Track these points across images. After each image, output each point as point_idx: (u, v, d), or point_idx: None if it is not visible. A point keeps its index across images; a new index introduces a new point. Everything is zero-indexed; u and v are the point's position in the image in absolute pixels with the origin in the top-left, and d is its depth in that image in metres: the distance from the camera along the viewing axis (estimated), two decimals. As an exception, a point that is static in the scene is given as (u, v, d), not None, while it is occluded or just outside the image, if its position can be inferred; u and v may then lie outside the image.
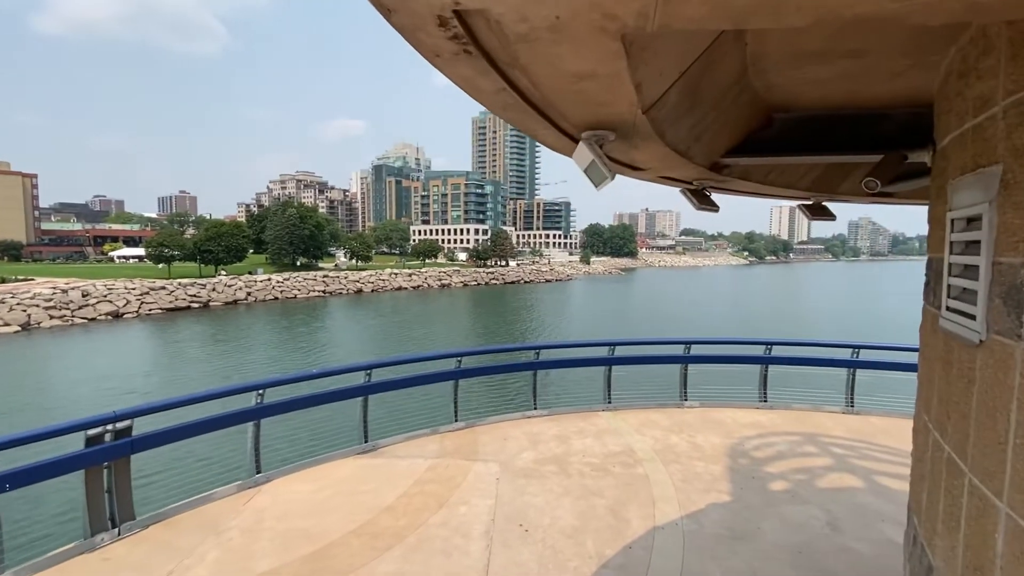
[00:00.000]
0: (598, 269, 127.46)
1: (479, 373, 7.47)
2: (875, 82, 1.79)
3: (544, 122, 1.64)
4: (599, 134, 1.71)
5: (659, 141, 1.71)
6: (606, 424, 7.48)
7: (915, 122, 1.95)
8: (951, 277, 1.39)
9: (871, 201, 3.44)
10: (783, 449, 6.68)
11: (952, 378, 1.32)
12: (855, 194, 3.12)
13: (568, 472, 5.90)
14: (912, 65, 1.57)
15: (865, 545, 4.49)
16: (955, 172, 1.39)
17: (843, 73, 1.71)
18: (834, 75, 1.73)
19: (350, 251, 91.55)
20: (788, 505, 5.19)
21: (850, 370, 8.20)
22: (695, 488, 5.55)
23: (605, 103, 1.51)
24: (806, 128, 2.11)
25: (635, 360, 8.44)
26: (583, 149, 1.70)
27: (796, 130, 2.12)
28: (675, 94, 1.53)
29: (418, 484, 5.58)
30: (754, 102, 1.95)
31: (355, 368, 6.57)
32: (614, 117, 1.59)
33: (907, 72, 1.63)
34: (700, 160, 1.99)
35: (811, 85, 1.86)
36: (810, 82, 1.80)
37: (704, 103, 1.74)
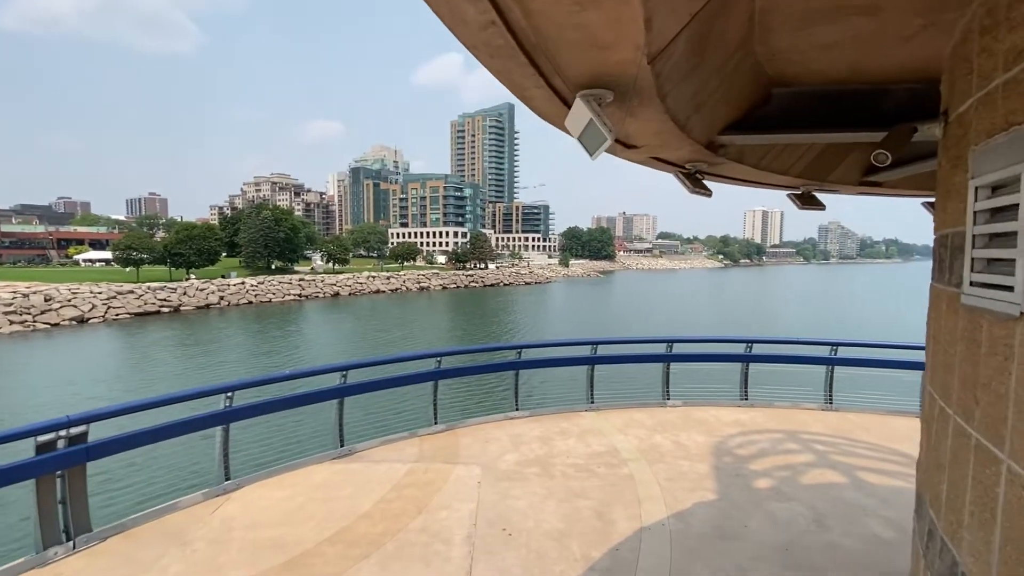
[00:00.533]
0: (577, 272, 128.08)
1: (459, 374, 7.28)
2: (883, 48, 1.70)
3: (536, 76, 1.49)
4: (596, 93, 1.57)
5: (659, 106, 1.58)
6: (589, 424, 7.36)
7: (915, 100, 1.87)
8: (976, 249, 1.30)
9: (857, 191, 3.39)
10: (766, 447, 6.66)
11: (981, 358, 1.23)
12: (844, 182, 3.06)
13: (552, 474, 5.76)
14: (925, 26, 1.49)
15: (852, 541, 4.45)
16: (979, 137, 1.30)
17: (852, 36, 1.62)
18: (842, 38, 1.64)
19: (327, 254, 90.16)
20: (774, 502, 5.14)
21: (828, 367, 8.25)
22: (681, 487, 5.46)
23: (607, 45, 1.37)
24: (805, 104, 2.02)
25: (618, 359, 8.35)
26: (579, 108, 1.55)
27: (795, 107, 2.03)
28: (682, 45, 1.40)
29: (396, 489, 5.37)
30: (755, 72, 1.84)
31: (330, 369, 6.32)
32: (614, 69, 1.45)
33: (918, 36, 1.55)
34: (697, 135, 1.87)
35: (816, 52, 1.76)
36: (816, 48, 1.70)
37: (708, 65, 1.62)
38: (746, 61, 1.77)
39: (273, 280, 72.28)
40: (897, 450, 6.60)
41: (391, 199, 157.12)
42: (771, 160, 2.51)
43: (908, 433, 7.15)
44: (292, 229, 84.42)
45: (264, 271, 79.70)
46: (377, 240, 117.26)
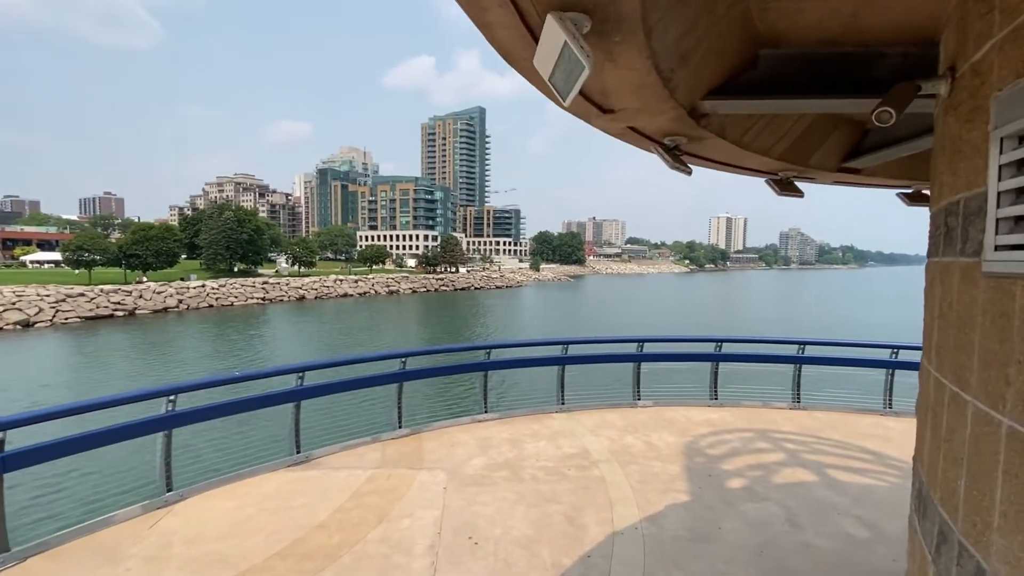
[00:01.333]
0: (548, 276, 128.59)
1: (425, 375, 6.98)
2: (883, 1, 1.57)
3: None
4: (572, 16, 1.36)
5: (643, 46, 1.39)
6: (560, 426, 7.17)
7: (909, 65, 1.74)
8: (1002, 208, 1.14)
9: (835, 179, 3.30)
10: (737, 446, 6.59)
11: (1014, 330, 1.06)
12: (824, 168, 2.95)
13: (521, 478, 5.53)
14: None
15: (825, 541, 4.36)
16: (1004, 80, 1.15)
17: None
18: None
19: (292, 257, 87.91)
20: (747, 503, 5.03)
21: (796, 366, 8.29)
22: (653, 489, 5.31)
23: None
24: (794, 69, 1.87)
25: (589, 359, 8.20)
26: (552, 31, 1.32)
27: (783, 71, 1.87)
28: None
29: (356, 497, 5.04)
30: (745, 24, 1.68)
31: (285, 371, 5.95)
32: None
33: (926, -20, 1.41)
34: (681, 95, 1.69)
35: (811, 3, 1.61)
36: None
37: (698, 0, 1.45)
38: (736, 7, 1.60)
39: (235, 283, 69.99)
40: (864, 447, 6.63)
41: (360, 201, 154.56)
42: (753, 137, 2.36)
43: (873, 431, 7.23)
44: (256, 230, 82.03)
45: (226, 274, 77.12)
46: (345, 243, 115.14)
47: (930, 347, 1.55)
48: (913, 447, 6.49)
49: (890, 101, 1.51)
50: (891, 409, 8.03)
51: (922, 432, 1.59)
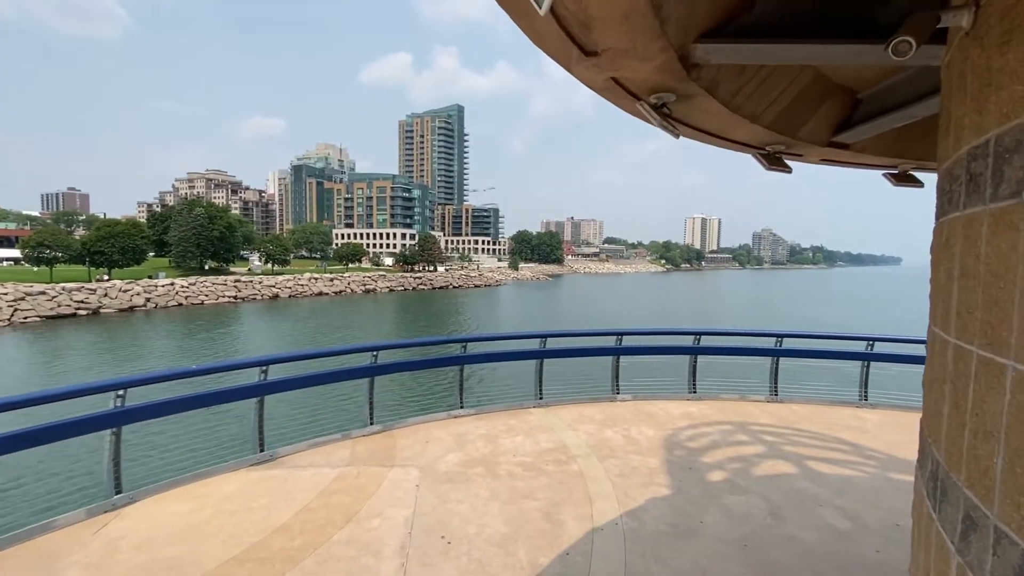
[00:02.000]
0: (526, 275, 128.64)
1: (398, 369, 6.71)
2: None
3: None
4: None
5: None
6: (538, 421, 6.99)
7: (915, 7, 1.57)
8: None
9: (824, 156, 3.17)
10: (716, 439, 6.50)
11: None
12: (814, 141, 2.82)
13: (497, 474, 5.32)
14: None
15: (808, 533, 4.26)
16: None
17: None
18: None
19: (265, 254, 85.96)
20: (728, 495, 4.91)
21: (774, 359, 8.27)
22: (633, 483, 5.15)
23: None
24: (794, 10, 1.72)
25: (568, 353, 8.03)
26: None
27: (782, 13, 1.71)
28: None
29: (322, 497, 4.77)
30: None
31: (248, 364, 5.62)
32: None
33: None
34: (673, 32, 1.51)
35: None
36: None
37: None
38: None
39: (206, 281, 68.13)
40: (842, 439, 6.61)
41: (335, 199, 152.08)
42: (744, 99, 2.20)
43: (850, 423, 7.23)
44: (227, 227, 79.97)
45: (196, 272, 75.03)
46: (320, 241, 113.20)
47: (946, 313, 1.39)
48: (890, 438, 6.44)
49: (909, 31, 1.35)
50: (867, 401, 8.07)
51: (936, 408, 1.43)
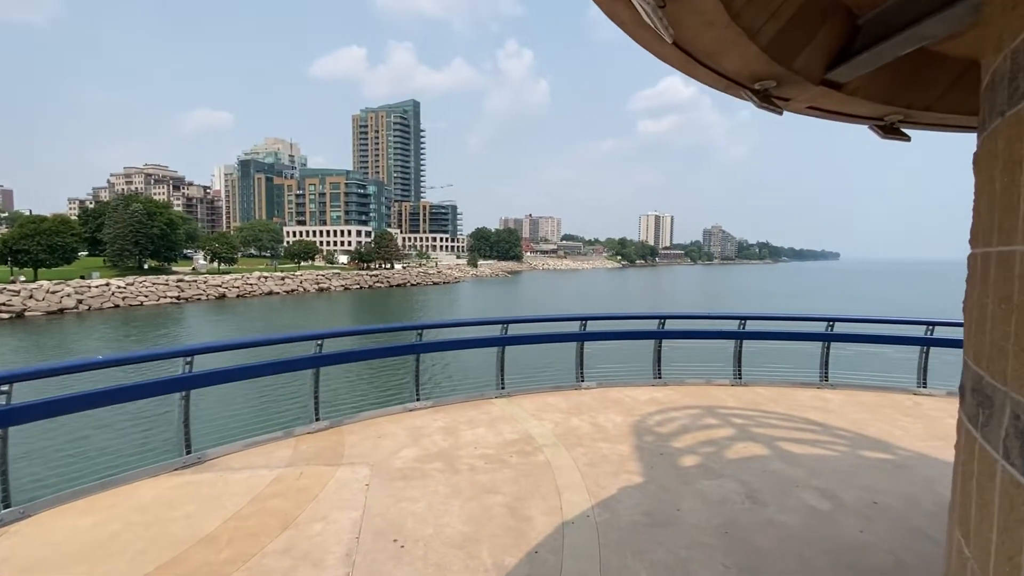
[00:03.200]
0: (485, 272, 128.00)
1: (346, 359, 6.13)
2: None
3: None
4: None
5: None
6: (500, 411, 6.57)
7: None
8: None
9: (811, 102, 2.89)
10: (685, 423, 6.26)
11: None
12: (808, 77, 2.53)
13: (457, 468, 4.87)
14: None
15: (789, 516, 4.03)
16: None
17: None
18: None
19: (211, 253, 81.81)
20: (703, 480, 4.64)
21: (738, 342, 8.16)
22: (603, 471, 4.81)
23: None
24: None
25: (531, 339, 7.64)
26: None
27: None
28: None
29: (257, 502, 4.19)
30: None
31: (168, 354, 4.94)
32: None
33: None
34: None
35: None
36: None
37: None
38: None
39: (145, 281, 64.12)
40: (809, 419, 6.51)
41: (286, 195, 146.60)
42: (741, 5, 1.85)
43: (813, 403, 7.17)
44: (169, 224, 75.60)
45: (135, 271, 70.56)
46: (270, 238, 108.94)
47: (990, 227, 1.07)
48: (854, 416, 6.33)
49: None
50: (827, 382, 8.07)
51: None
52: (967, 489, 1.59)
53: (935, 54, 2.77)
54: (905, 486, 4.59)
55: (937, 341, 7.76)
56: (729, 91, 2.71)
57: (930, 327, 7.79)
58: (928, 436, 5.94)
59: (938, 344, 7.77)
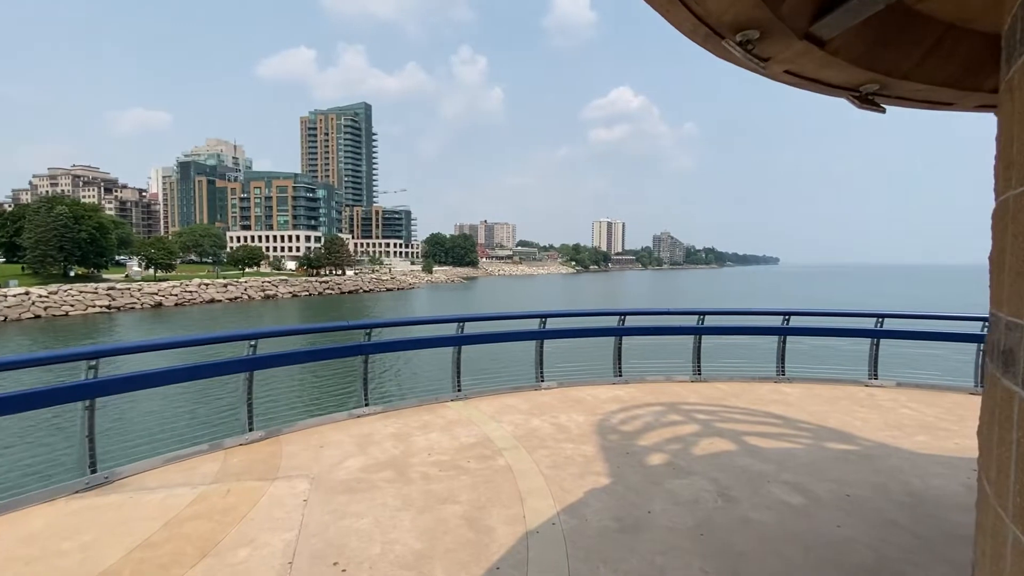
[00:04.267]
0: (440, 278, 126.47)
1: (284, 362, 5.54)
2: None
3: None
4: None
5: None
6: (456, 415, 6.15)
7: None
8: None
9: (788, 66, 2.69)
10: (649, 420, 6.04)
11: None
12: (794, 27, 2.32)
13: (409, 477, 4.42)
14: None
15: (764, 513, 3.81)
16: None
17: None
18: None
19: (146, 259, 76.89)
20: (672, 479, 4.39)
21: (697, 337, 8.07)
22: (568, 474, 4.48)
23: None
24: None
25: (488, 338, 7.26)
26: None
27: None
28: None
29: (172, 526, 3.60)
30: None
31: (68, 357, 4.25)
32: None
33: None
34: None
35: None
36: None
37: None
38: None
39: (71, 290, 59.48)
40: (770, 412, 6.43)
41: (230, 198, 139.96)
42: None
43: (773, 397, 7.13)
44: (99, 229, 70.56)
45: (59, 279, 65.32)
46: (212, 244, 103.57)
47: None
48: (813, 408, 6.26)
49: None
50: (784, 376, 8.08)
51: None
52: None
53: (918, 15, 2.62)
54: (873, 476, 4.50)
55: (887, 333, 7.91)
56: (708, 44, 2.46)
57: (880, 319, 7.94)
58: (886, 426, 5.95)
59: (888, 336, 7.93)
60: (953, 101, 3.21)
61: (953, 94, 3.05)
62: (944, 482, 4.40)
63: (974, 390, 7.48)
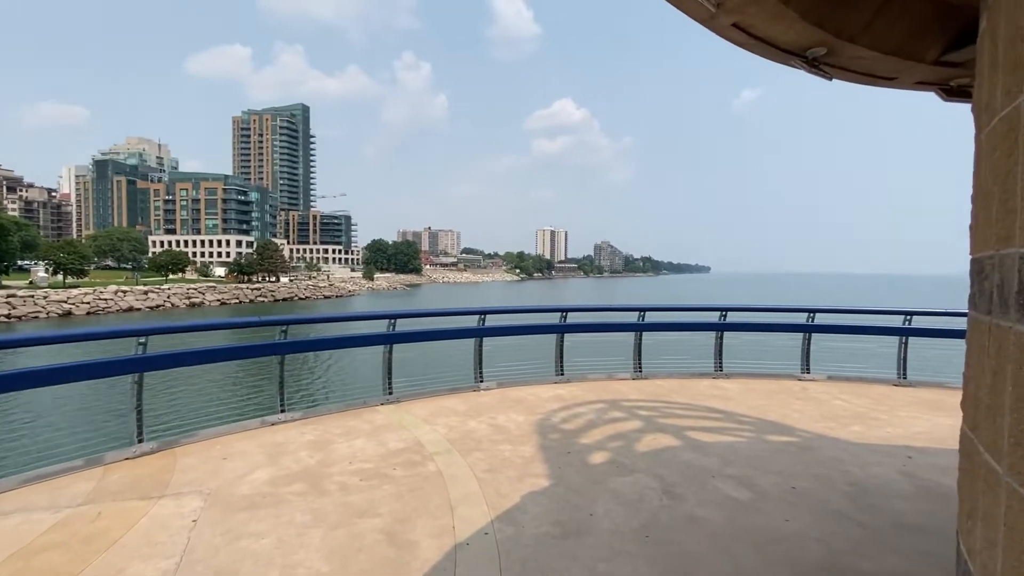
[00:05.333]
0: (382, 285, 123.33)
1: (182, 361, 4.82)
2: None
3: None
4: None
5: None
6: (386, 419, 5.63)
7: None
8: None
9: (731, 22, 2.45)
10: (591, 418, 5.77)
11: None
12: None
13: (324, 489, 3.89)
14: None
15: (710, 510, 3.58)
16: None
17: None
18: None
19: (54, 264, 70.11)
20: (616, 478, 4.11)
21: (637, 334, 7.95)
22: (505, 477, 4.10)
23: None
24: None
25: (423, 336, 6.79)
26: None
27: None
28: None
29: (19, 559, 2.92)
30: None
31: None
32: None
33: None
34: None
35: None
36: None
37: None
38: None
39: (-41, 297, 53.21)
40: (711, 407, 6.34)
41: (152, 200, 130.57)
42: None
43: (712, 392, 7.08)
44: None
45: (-55, 286, 58.27)
46: (131, 248, 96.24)
47: None
48: (753, 403, 6.21)
49: None
50: (722, 372, 8.09)
51: None
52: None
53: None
54: (815, 468, 4.41)
55: (818, 327, 8.10)
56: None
57: (811, 314, 8.12)
58: (822, 418, 5.98)
59: (818, 330, 8.11)
60: (895, 76, 3.14)
61: (896, 65, 2.96)
62: (883, 470, 4.36)
63: (898, 382, 7.77)
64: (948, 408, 6.54)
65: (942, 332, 7.87)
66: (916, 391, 7.38)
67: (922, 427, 5.70)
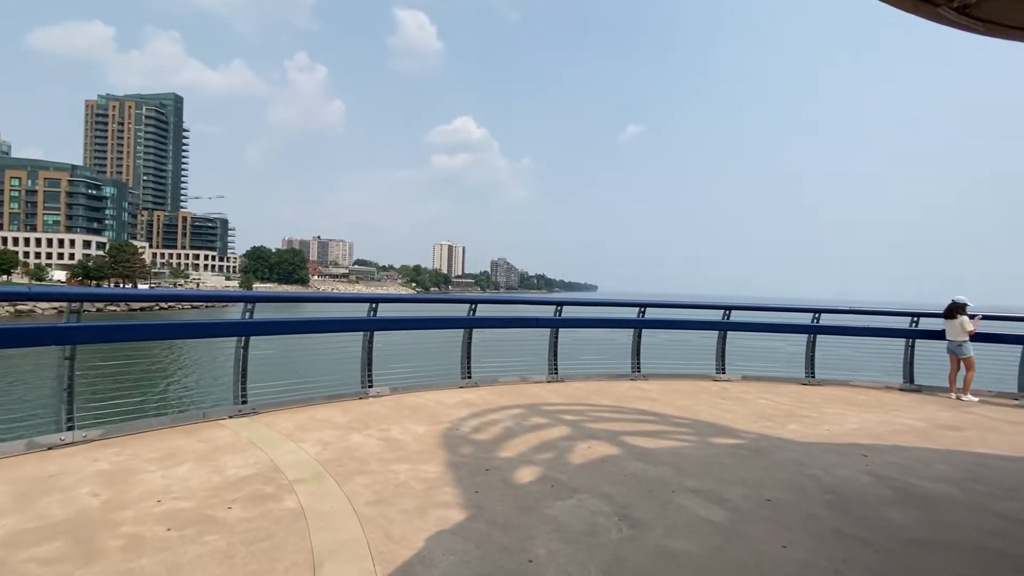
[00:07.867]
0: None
1: None
2: None
3: None
4: None
5: None
6: (232, 436, 4.10)
7: None
8: None
9: None
10: (510, 426, 4.70)
11: None
12: None
13: (99, 549, 2.38)
14: None
15: (687, 540, 2.64)
16: None
17: None
18: None
19: None
20: (554, 501, 3.05)
21: (553, 331, 7.08)
22: (400, 511, 2.86)
23: None
24: None
25: (289, 327, 5.29)
26: None
27: None
28: None
29: None
30: None
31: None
32: None
33: None
34: None
35: None
36: None
37: None
38: None
39: None
40: (639, 409, 5.60)
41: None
42: None
43: (635, 393, 6.40)
44: None
45: None
46: (-65, 244, 78.83)
47: None
48: (680, 403, 5.40)
49: None
50: (640, 372, 7.47)
51: None
52: None
53: None
54: (779, 474, 3.70)
55: (733, 325, 7.80)
56: None
57: (727, 312, 7.80)
58: (756, 417, 5.46)
59: (733, 328, 7.82)
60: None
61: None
62: (848, 473, 3.77)
63: (806, 380, 7.65)
64: (865, 404, 6.40)
65: (847, 330, 7.94)
66: (827, 389, 7.27)
67: (854, 424, 5.37)
